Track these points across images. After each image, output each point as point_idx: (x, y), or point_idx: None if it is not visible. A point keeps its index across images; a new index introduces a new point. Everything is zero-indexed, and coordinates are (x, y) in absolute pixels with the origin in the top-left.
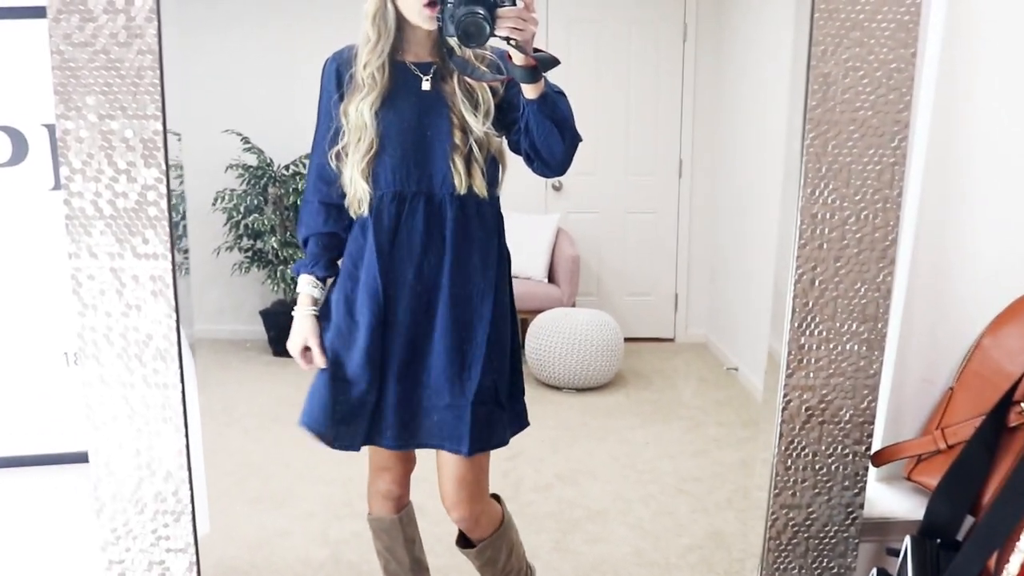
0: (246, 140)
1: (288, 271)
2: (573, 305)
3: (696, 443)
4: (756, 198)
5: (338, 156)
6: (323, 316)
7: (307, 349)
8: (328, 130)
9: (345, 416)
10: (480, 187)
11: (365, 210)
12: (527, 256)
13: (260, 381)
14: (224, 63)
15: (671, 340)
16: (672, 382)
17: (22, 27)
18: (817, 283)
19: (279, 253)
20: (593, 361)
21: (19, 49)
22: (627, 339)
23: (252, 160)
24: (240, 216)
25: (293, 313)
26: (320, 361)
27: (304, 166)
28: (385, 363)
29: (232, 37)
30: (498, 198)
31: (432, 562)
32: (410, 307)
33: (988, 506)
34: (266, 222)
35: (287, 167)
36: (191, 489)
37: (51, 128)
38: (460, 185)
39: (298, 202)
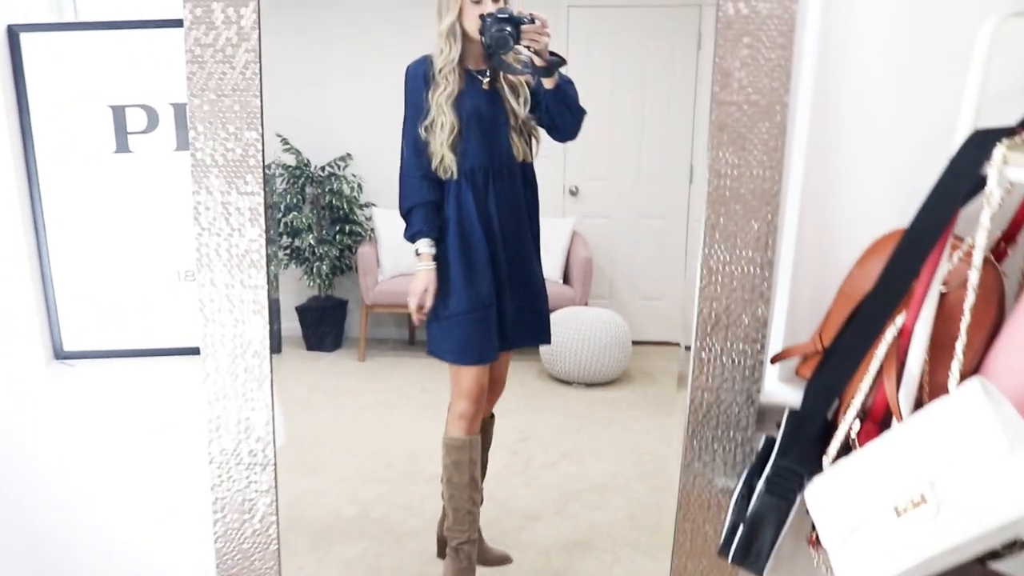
0: (285, 141)
1: (324, 267)
2: (586, 304)
3: None
4: None
5: (427, 129)
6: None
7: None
8: (417, 117)
9: (484, 336)
10: (528, 154)
11: (454, 175)
12: (544, 258)
13: (294, 371)
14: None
15: (678, 345)
16: (676, 380)
17: (160, 34)
18: (721, 220)
19: (315, 250)
20: (602, 357)
21: (156, 50)
22: (637, 342)
23: (291, 160)
24: (281, 214)
25: (416, 268)
26: (428, 306)
27: (339, 167)
28: (505, 287)
29: (269, 43)
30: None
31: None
32: (509, 243)
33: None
34: (304, 220)
35: (323, 168)
36: (271, 361)
37: (176, 106)
38: (519, 154)
39: (333, 201)
